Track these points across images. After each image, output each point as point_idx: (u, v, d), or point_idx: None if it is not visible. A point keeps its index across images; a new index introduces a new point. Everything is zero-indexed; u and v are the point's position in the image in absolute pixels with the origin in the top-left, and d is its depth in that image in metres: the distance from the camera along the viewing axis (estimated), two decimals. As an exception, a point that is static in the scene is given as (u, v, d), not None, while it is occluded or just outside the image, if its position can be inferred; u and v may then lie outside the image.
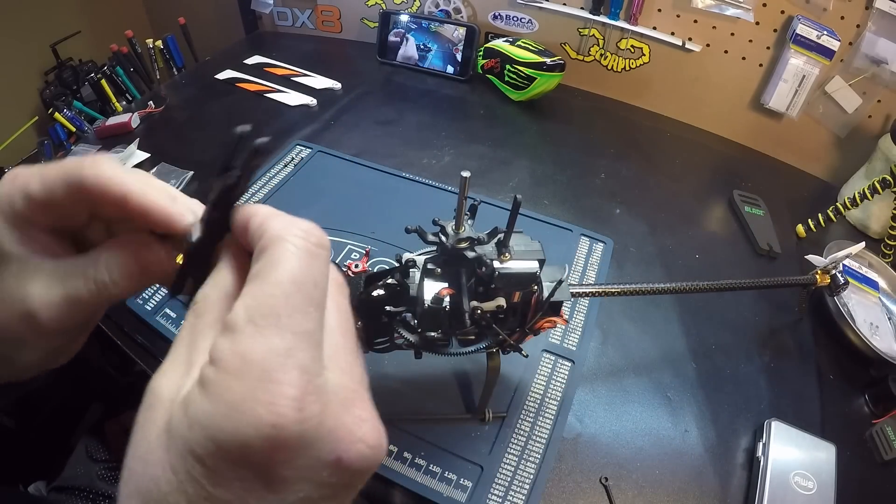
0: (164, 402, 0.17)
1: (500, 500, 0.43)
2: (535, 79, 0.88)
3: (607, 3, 0.90)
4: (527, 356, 0.41)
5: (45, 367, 0.24)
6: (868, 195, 0.71)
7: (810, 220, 0.75)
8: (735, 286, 0.52)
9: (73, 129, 0.93)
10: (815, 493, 0.45)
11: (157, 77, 1.11)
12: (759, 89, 0.88)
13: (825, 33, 0.77)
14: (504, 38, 0.94)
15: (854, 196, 0.72)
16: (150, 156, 0.77)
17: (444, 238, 0.36)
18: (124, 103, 1.02)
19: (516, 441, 0.47)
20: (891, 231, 0.71)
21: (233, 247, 0.20)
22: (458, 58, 0.98)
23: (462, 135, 0.85)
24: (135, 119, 0.83)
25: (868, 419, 0.55)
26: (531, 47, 0.90)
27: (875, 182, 0.70)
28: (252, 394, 0.15)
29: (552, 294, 0.38)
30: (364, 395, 0.18)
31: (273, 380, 0.16)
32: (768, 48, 0.85)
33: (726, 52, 0.87)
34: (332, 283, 0.19)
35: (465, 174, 0.32)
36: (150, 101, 0.88)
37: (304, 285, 0.17)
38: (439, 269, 0.36)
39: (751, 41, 0.85)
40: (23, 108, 1.05)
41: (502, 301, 0.37)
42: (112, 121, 0.83)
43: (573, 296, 0.45)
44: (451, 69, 0.99)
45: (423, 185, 0.72)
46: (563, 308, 0.41)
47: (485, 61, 0.96)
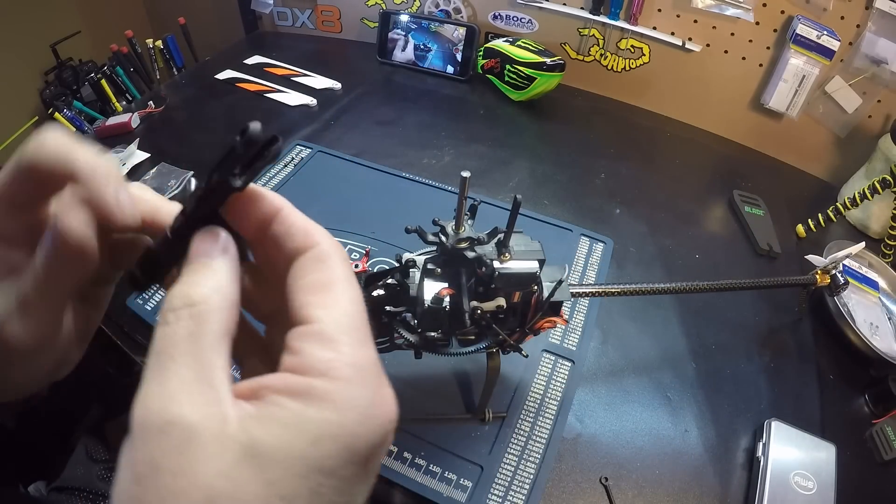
0: (209, 434, 0.14)
1: (500, 500, 0.43)
2: (535, 79, 0.88)
3: (607, 3, 0.90)
4: (527, 356, 0.41)
5: (42, 383, 0.22)
6: (868, 195, 0.71)
7: (810, 220, 0.75)
8: (735, 286, 0.52)
9: (74, 129, 0.92)
10: (815, 493, 0.45)
11: (157, 77, 1.11)
12: (759, 89, 0.88)
13: (825, 33, 0.77)
14: (504, 38, 0.94)
15: (854, 196, 0.72)
16: (150, 156, 0.77)
17: (444, 238, 0.36)
18: (124, 103, 1.02)
19: (516, 441, 0.47)
20: (891, 231, 0.71)
21: (231, 249, 0.18)
22: (458, 58, 0.98)
23: (462, 135, 0.85)
24: (135, 119, 0.83)
25: (868, 419, 0.55)
26: (531, 47, 0.90)
27: (875, 182, 0.70)
28: (375, 399, 0.17)
29: (552, 294, 0.38)
30: (385, 379, 0.19)
31: (383, 384, 0.18)
32: (768, 48, 0.85)
33: (726, 52, 0.87)
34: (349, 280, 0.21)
35: (465, 174, 0.32)
36: (150, 101, 0.88)
37: (356, 295, 0.19)
38: (439, 269, 0.36)
39: (751, 41, 0.85)
40: (23, 108, 1.05)
41: (502, 301, 0.37)
42: (112, 121, 0.83)
43: (573, 296, 0.45)
44: (451, 69, 0.99)
45: (423, 185, 0.72)
46: (563, 308, 0.41)
47: (485, 61, 0.96)
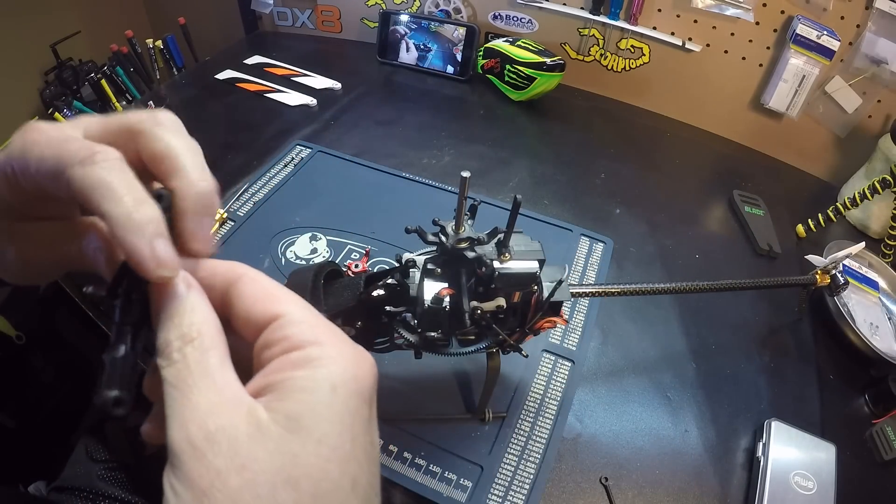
0: (251, 429, 0.17)
1: (500, 500, 0.43)
2: (535, 79, 0.88)
3: (607, 3, 0.90)
4: (527, 356, 0.41)
5: (42, 261, 0.24)
6: (868, 195, 0.71)
7: (810, 220, 0.75)
8: (735, 286, 0.52)
9: (73, 129, 0.92)
10: (815, 493, 0.45)
11: (157, 77, 1.11)
12: (759, 89, 0.88)
13: (825, 33, 0.77)
14: (504, 38, 0.94)
15: (854, 196, 0.72)
16: (150, 156, 0.77)
17: (444, 238, 0.36)
18: (124, 103, 1.02)
19: (516, 441, 0.47)
20: (891, 231, 0.71)
21: (190, 279, 0.20)
22: (458, 58, 0.98)
23: (462, 135, 0.85)
24: (135, 119, 0.83)
25: (868, 419, 0.55)
26: (531, 47, 0.90)
27: (875, 182, 0.70)
28: (356, 350, 0.20)
29: (552, 294, 0.38)
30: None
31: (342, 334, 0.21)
32: (768, 48, 0.85)
33: (726, 52, 0.87)
34: None
35: (465, 174, 0.32)
36: (150, 101, 0.88)
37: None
38: (439, 269, 0.36)
39: (751, 41, 0.85)
40: (23, 108, 1.05)
41: (502, 301, 0.37)
42: (112, 121, 0.83)
43: (573, 296, 0.45)
44: (451, 69, 0.99)
45: (423, 185, 0.72)
46: (563, 308, 0.41)
47: (485, 61, 0.96)
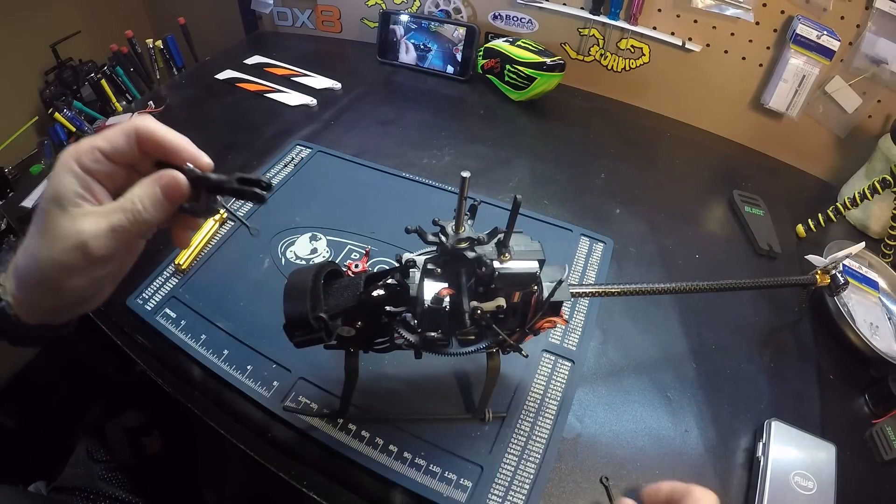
0: None
1: (500, 500, 0.43)
2: (535, 79, 0.88)
3: (607, 3, 0.90)
4: (527, 356, 0.41)
5: (86, 297, 0.31)
6: (868, 195, 0.71)
7: (810, 220, 0.75)
8: (735, 286, 0.52)
9: (74, 129, 0.93)
10: (815, 493, 0.45)
11: (157, 77, 1.11)
12: (759, 89, 0.88)
13: (825, 33, 0.77)
14: (504, 38, 0.94)
15: (854, 196, 0.72)
16: (150, 156, 0.77)
17: (444, 238, 0.36)
18: (124, 103, 1.02)
19: (516, 441, 0.47)
20: (891, 231, 0.71)
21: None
22: (458, 58, 0.98)
23: (462, 135, 0.85)
24: (135, 119, 0.83)
25: (868, 419, 0.55)
26: (531, 47, 0.90)
27: (875, 182, 0.70)
28: None
29: (552, 294, 0.38)
30: None
31: None
32: (768, 48, 0.85)
33: (726, 52, 0.87)
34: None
35: (465, 174, 0.32)
36: (150, 101, 0.88)
37: None
38: (439, 270, 0.36)
39: (751, 41, 0.85)
40: (23, 108, 1.05)
41: (502, 301, 0.37)
42: (112, 121, 0.83)
43: (573, 296, 0.45)
44: (451, 69, 0.99)
45: (423, 185, 0.72)
46: (563, 308, 0.41)
47: (485, 61, 0.96)
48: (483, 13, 0.99)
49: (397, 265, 0.37)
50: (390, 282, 0.37)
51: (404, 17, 0.99)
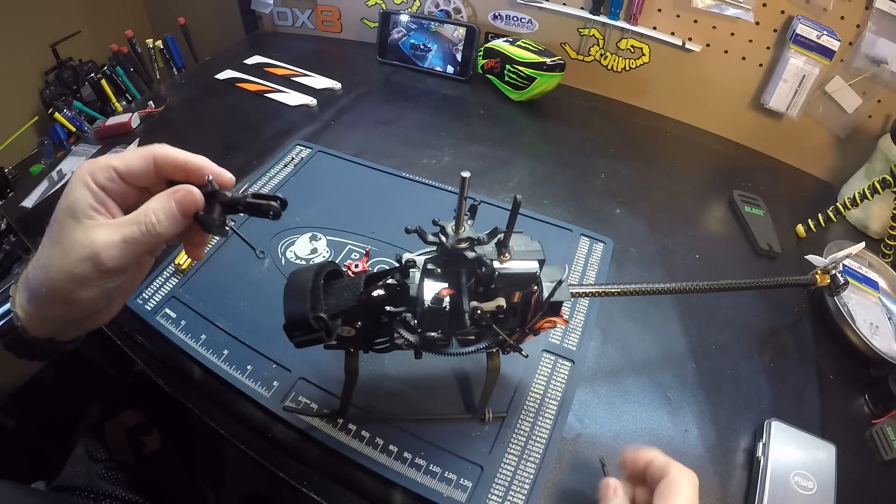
0: None
1: (500, 500, 0.43)
2: (535, 79, 0.88)
3: (607, 3, 0.90)
4: (527, 356, 0.41)
5: (96, 311, 0.31)
6: (868, 195, 0.71)
7: (810, 220, 0.75)
8: (735, 286, 0.52)
9: (73, 129, 0.93)
10: (815, 493, 0.45)
11: (157, 77, 1.11)
12: (759, 89, 0.88)
13: (825, 33, 0.77)
14: (504, 38, 0.94)
15: (854, 196, 0.72)
16: (150, 156, 0.77)
17: (443, 238, 0.36)
18: (124, 103, 1.02)
19: (516, 441, 0.47)
20: (891, 231, 0.71)
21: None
22: (458, 58, 0.98)
23: (462, 135, 0.85)
24: (135, 119, 0.83)
25: (868, 419, 0.55)
26: (531, 47, 0.90)
27: (875, 182, 0.70)
28: None
29: (552, 294, 0.38)
30: None
31: None
32: (768, 48, 0.85)
33: (726, 52, 0.87)
34: (688, 479, 0.32)
35: (465, 174, 0.32)
36: (150, 101, 0.88)
37: None
38: (439, 270, 0.36)
39: (751, 41, 0.85)
40: (23, 108, 1.05)
41: (502, 301, 0.37)
42: (112, 121, 0.83)
43: (573, 296, 0.45)
44: (451, 69, 0.99)
45: (423, 185, 0.72)
46: (563, 308, 0.41)
47: (485, 61, 0.96)
48: (483, 13, 0.99)
49: (397, 265, 0.37)
50: (390, 282, 0.37)
51: (404, 17, 0.99)
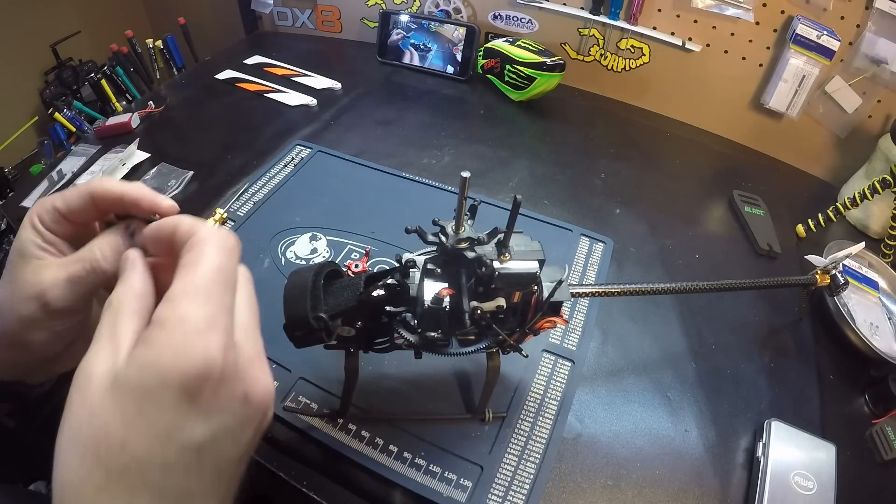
0: (100, 375, 0.22)
1: (500, 500, 0.43)
2: (535, 79, 0.88)
3: (607, 3, 0.90)
4: (527, 356, 0.41)
5: (53, 354, 0.30)
6: (868, 195, 0.71)
7: (810, 220, 0.75)
8: (735, 286, 0.52)
9: (73, 129, 0.93)
10: (815, 493, 0.45)
11: (157, 77, 1.11)
12: (759, 89, 0.88)
13: (825, 33, 0.77)
14: (504, 38, 0.94)
15: (854, 196, 0.72)
16: (150, 156, 0.77)
17: (443, 238, 0.36)
18: (124, 103, 1.02)
19: (516, 441, 0.47)
20: (891, 231, 0.71)
21: (136, 262, 0.26)
22: (458, 58, 0.98)
23: (462, 135, 0.85)
24: (135, 119, 0.83)
25: (868, 419, 0.55)
26: (531, 47, 0.90)
27: (875, 182, 0.70)
28: (190, 341, 0.21)
29: (552, 294, 0.38)
30: (263, 358, 0.25)
31: (205, 333, 0.22)
32: (768, 48, 0.85)
33: (726, 52, 0.87)
34: (243, 276, 0.26)
35: (465, 174, 0.32)
36: (150, 101, 0.88)
37: (223, 273, 0.24)
38: (439, 270, 0.36)
39: (751, 41, 0.85)
40: (23, 108, 1.05)
41: (502, 301, 0.37)
42: (112, 121, 0.83)
43: (573, 296, 0.45)
44: (451, 69, 0.99)
45: (423, 185, 0.72)
46: (563, 308, 0.41)
47: (485, 61, 0.96)
48: (483, 13, 0.99)
49: (397, 265, 0.37)
50: (390, 282, 0.37)
51: (404, 17, 0.99)
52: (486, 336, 0.40)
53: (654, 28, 0.90)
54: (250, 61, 1.00)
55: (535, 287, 0.38)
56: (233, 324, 0.24)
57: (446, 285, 0.36)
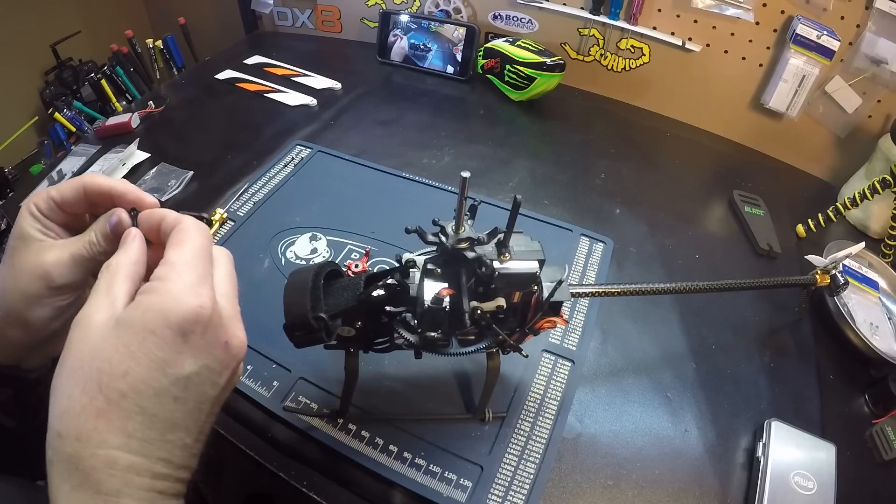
0: (99, 320, 0.26)
1: (500, 500, 0.43)
2: (535, 79, 0.88)
3: (607, 3, 0.90)
4: (527, 356, 0.41)
5: (51, 333, 0.32)
6: (868, 195, 0.71)
7: (810, 220, 0.75)
8: (735, 286, 0.52)
9: (73, 129, 0.93)
10: (815, 493, 0.45)
11: (157, 77, 1.11)
12: (759, 89, 0.88)
13: (825, 33, 0.77)
14: (504, 38, 0.94)
15: (854, 196, 0.72)
16: (149, 156, 0.77)
17: (443, 238, 0.36)
18: (124, 103, 1.03)
19: (516, 441, 0.47)
20: (891, 231, 0.71)
21: (137, 237, 0.30)
22: (458, 58, 0.98)
23: (462, 135, 0.85)
24: (135, 119, 0.83)
25: (868, 419, 0.55)
26: (531, 47, 0.90)
27: (875, 182, 0.70)
28: (187, 291, 0.26)
29: (552, 294, 0.38)
30: (240, 319, 0.30)
31: (198, 287, 0.27)
32: (768, 48, 0.85)
33: (726, 52, 0.87)
34: (226, 256, 0.31)
35: (465, 174, 0.32)
36: (150, 101, 0.88)
37: (205, 250, 0.29)
38: (439, 270, 0.36)
39: (751, 41, 0.85)
40: (23, 108, 1.05)
41: (502, 301, 0.37)
42: (112, 121, 0.83)
43: (573, 296, 0.45)
44: (451, 69, 0.99)
45: (423, 185, 0.72)
46: (563, 308, 0.41)
47: (485, 61, 0.96)
48: (483, 13, 0.99)
49: (397, 265, 0.37)
50: (390, 282, 0.37)
51: (404, 17, 0.99)
52: (486, 336, 0.40)
53: (654, 28, 0.90)
54: (250, 61, 1.00)
55: (535, 287, 0.38)
56: (214, 289, 0.28)
57: (446, 285, 0.36)
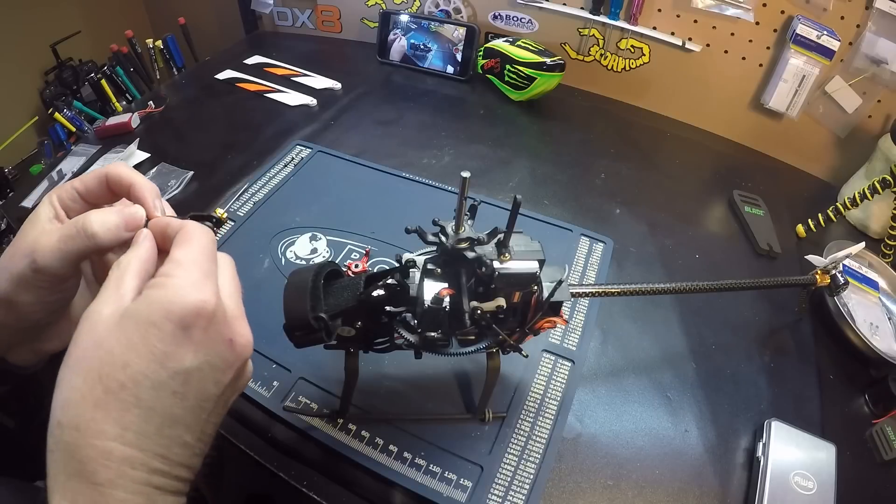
0: (107, 314, 0.26)
1: (500, 500, 0.43)
2: (535, 79, 0.88)
3: (607, 3, 0.90)
4: (527, 356, 0.41)
5: (38, 322, 0.32)
6: (868, 195, 0.71)
7: (810, 220, 0.75)
8: (735, 286, 0.52)
9: (73, 129, 0.93)
10: (815, 493, 0.45)
11: (157, 77, 1.11)
12: (759, 89, 0.88)
13: (825, 33, 0.77)
14: (504, 38, 0.94)
15: (854, 196, 0.72)
16: (150, 156, 0.77)
17: (443, 238, 0.36)
18: (124, 103, 1.02)
19: (516, 441, 0.47)
20: (891, 231, 0.71)
21: (148, 237, 0.30)
22: (458, 58, 0.98)
23: (462, 135, 0.85)
24: (135, 119, 0.83)
25: (868, 419, 0.55)
26: (531, 47, 0.90)
27: (875, 182, 0.70)
28: (190, 286, 0.26)
29: (552, 294, 0.38)
30: (246, 319, 0.29)
31: (201, 283, 0.27)
32: (768, 48, 0.85)
33: (726, 52, 0.87)
34: (228, 262, 0.31)
35: (465, 174, 0.32)
36: (150, 101, 0.88)
37: (209, 250, 0.29)
38: (439, 270, 0.36)
39: (751, 41, 0.85)
40: (23, 108, 1.05)
41: (502, 301, 0.37)
42: (112, 121, 0.83)
43: (573, 296, 0.45)
44: (451, 69, 0.99)
45: (423, 185, 0.72)
46: (563, 308, 0.41)
47: (485, 61, 0.96)
48: (483, 13, 0.99)
49: (397, 265, 0.37)
50: (390, 282, 0.37)
51: (404, 17, 0.99)
52: (486, 336, 0.40)
53: (654, 28, 0.90)
54: (250, 61, 1.00)
55: (535, 287, 0.38)
56: (218, 287, 0.29)
57: (446, 285, 0.36)
